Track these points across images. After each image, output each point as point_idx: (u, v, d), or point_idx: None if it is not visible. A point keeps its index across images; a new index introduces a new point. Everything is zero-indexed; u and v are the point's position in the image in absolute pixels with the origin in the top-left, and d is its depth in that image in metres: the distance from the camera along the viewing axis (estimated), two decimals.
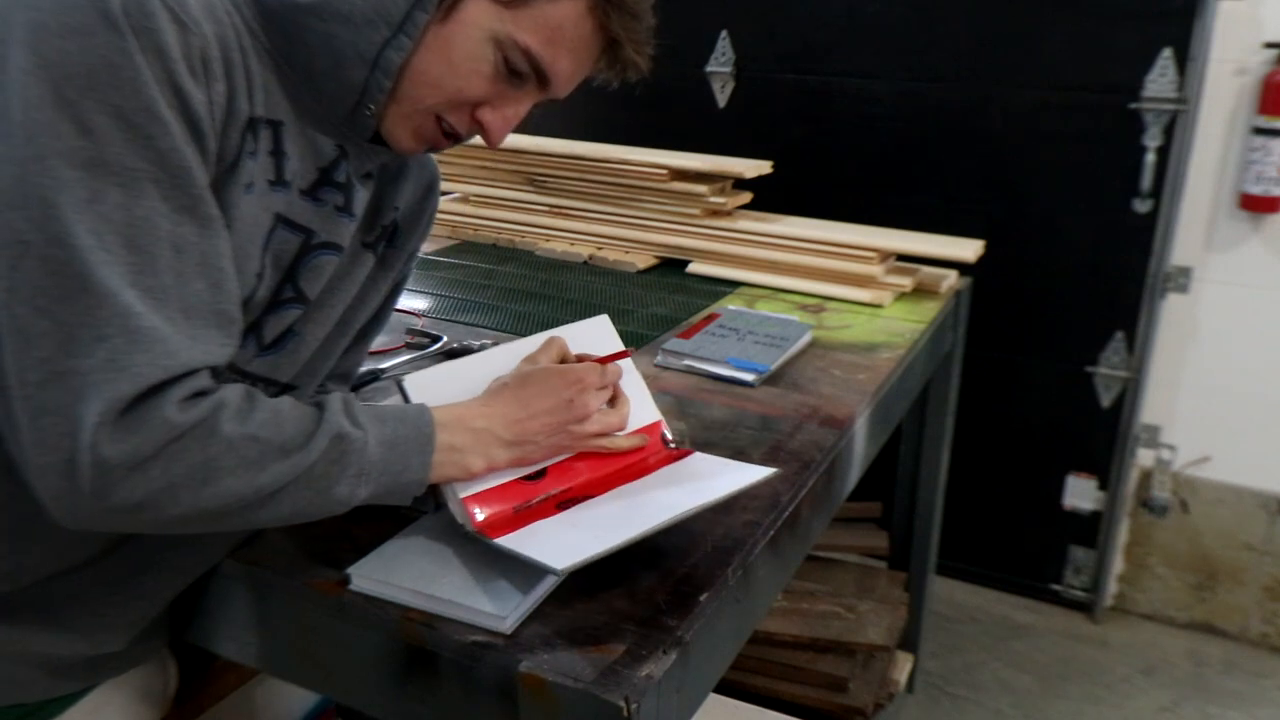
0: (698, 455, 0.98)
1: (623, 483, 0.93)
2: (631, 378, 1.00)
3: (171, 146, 0.69)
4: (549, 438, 0.88)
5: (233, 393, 0.72)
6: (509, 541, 0.81)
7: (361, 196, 0.89)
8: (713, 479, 0.92)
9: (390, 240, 0.98)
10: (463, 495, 0.84)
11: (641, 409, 0.99)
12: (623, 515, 0.86)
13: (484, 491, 0.85)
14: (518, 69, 0.81)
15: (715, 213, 1.82)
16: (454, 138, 0.86)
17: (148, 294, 0.68)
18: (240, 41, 0.76)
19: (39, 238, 0.65)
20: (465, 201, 2.07)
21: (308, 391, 0.95)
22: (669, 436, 1.00)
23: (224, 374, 0.82)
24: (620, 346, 1.02)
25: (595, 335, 1.01)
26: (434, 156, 1.02)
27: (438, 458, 0.81)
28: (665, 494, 0.90)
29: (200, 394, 0.70)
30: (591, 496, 0.90)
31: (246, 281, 0.78)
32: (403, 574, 0.84)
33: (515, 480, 0.88)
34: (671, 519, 0.83)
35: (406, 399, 0.87)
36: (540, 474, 0.89)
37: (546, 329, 1.59)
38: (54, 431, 0.65)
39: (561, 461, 0.91)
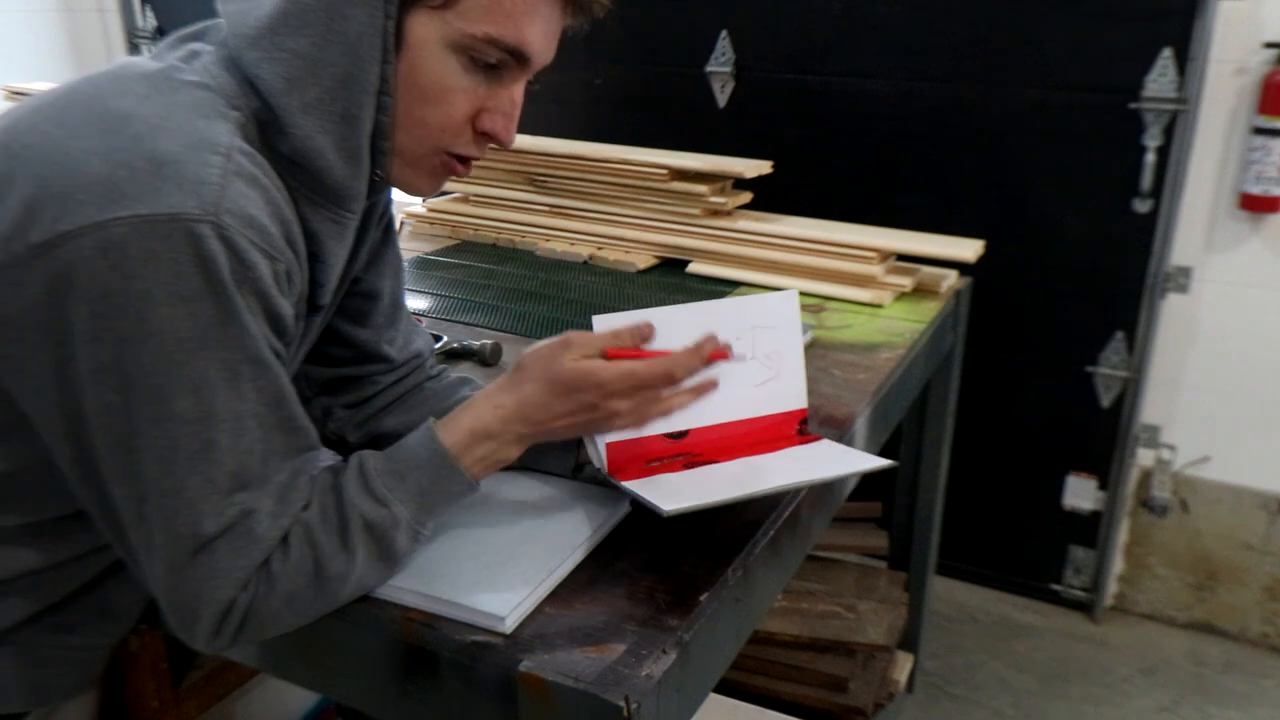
0: (825, 442, 1.02)
1: (748, 454, 0.98)
2: (792, 359, 1.01)
3: (274, 385, 0.73)
4: (572, 431, 0.86)
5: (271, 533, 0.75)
6: (633, 485, 0.89)
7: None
8: (830, 461, 0.97)
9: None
10: (608, 441, 0.90)
11: (790, 395, 1.01)
12: (736, 478, 0.92)
13: (627, 441, 0.91)
14: (488, 61, 0.77)
15: (715, 213, 1.82)
16: (469, 160, 0.83)
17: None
18: (290, 213, 0.76)
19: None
20: (465, 201, 2.07)
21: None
22: (805, 425, 1.02)
23: None
24: (797, 328, 1.02)
25: (774, 311, 1.01)
26: None
27: (474, 470, 0.82)
28: (781, 465, 0.96)
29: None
30: (717, 462, 0.96)
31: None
32: (403, 574, 0.84)
33: (659, 436, 0.93)
34: (781, 486, 0.90)
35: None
36: (683, 434, 0.95)
37: (546, 328, 1.59)
38: (184, 608, 0.73)
39: (703, 428, 0.95)
